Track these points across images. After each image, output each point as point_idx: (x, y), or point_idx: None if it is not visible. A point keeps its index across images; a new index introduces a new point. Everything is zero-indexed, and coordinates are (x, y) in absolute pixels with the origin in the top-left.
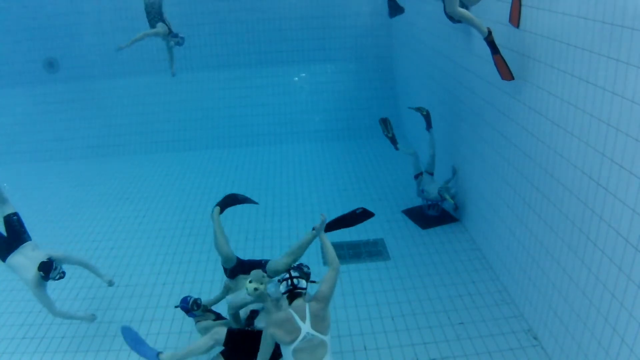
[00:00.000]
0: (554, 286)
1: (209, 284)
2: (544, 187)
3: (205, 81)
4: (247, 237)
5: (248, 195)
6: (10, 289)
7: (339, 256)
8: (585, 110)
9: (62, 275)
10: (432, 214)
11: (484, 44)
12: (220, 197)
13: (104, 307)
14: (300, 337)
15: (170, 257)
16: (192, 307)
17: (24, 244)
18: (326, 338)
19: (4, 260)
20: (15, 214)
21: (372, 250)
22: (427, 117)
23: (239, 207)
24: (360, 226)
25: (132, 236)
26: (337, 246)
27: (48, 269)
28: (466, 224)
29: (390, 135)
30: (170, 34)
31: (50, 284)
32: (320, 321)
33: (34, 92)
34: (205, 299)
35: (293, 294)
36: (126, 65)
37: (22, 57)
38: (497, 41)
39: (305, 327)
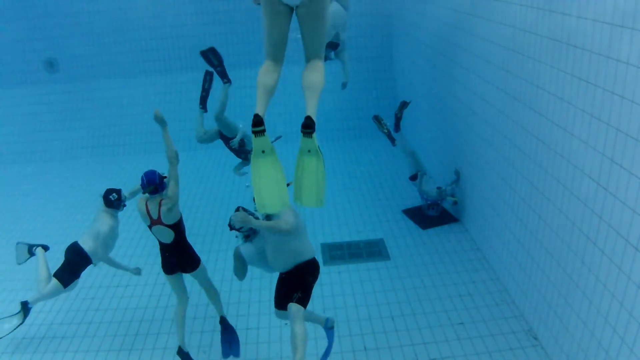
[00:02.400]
0: (554, 286)
1: None
2: (544, 187)
3: None
4: None
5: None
6: (10, 289)
7: (339, 257)
8: (585, 110)
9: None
10: (432, 214)
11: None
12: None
13: (104, 308)
14: None
15: None
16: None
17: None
18: None
19: None
20: None
21: (371, 250)
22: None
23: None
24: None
25: (132, 236)
26: (337, 246)
27: (107, 195)
28: (466, 224)
29: (385, 131)
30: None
31: None
32: None
33: (33, 92)
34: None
35: None
36: (126, 66)
37: (22, 57)
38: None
39: None
